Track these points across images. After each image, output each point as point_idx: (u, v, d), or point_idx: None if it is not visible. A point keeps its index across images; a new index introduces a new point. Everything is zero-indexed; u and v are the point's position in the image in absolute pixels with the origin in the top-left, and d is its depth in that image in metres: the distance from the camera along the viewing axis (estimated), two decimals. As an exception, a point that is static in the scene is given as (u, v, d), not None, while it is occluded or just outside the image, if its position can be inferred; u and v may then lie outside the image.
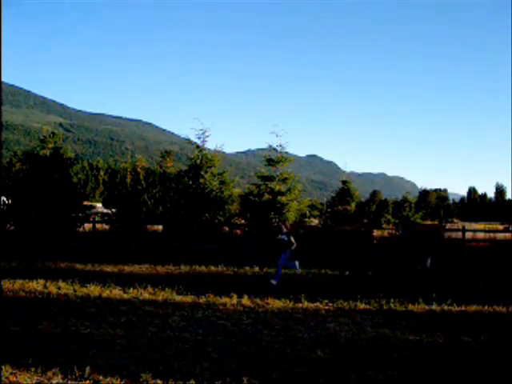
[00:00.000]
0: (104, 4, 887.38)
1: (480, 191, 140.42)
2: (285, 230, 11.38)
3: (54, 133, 19.15)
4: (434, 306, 8.68)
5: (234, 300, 8.93)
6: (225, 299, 8.97)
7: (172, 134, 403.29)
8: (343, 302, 8.82)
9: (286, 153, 18.16)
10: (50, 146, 18.32)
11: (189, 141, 18.25)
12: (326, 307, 8.55)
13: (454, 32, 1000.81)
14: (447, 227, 20.05)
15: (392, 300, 8.93)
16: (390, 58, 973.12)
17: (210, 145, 20.44)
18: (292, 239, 11.21)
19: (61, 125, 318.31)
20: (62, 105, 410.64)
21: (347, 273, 12.82)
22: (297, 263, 11.35)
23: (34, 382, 4.85)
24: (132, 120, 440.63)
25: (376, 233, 17.57)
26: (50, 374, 4.99)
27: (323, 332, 6.94)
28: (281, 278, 10.88)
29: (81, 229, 18.75)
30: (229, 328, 7.05)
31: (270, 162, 17.79)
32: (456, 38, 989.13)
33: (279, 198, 16.93)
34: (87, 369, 5.07)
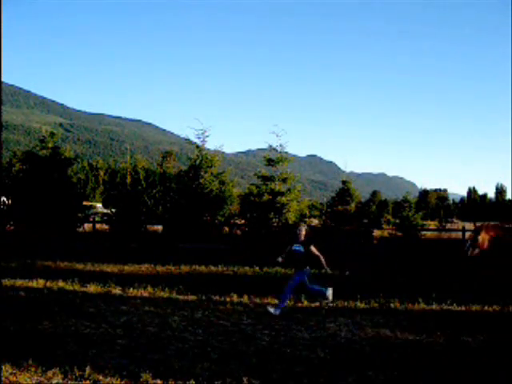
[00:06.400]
0: (104, 4, 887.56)
1: (480, 191, 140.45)
2: (302, 238, 8.25)
3: (53, 133, 19.18)
4: (434, 306, 8.68)
5: (234, 300, 8.94)
6: (225, 299, 8.98)
7: (172, 134, 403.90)
8: (343, 302, 8.82)
9: (286, 153, 18.13)
10: (50, 146, 18.34)
11: (189, 141, 18.23)
12: (326, 307, 8.55)
13: (454, 31, 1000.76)
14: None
15: (392, 300, 8.93)
16: (391, 58, 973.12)
17: (210, 145, 20.54)
18: (314, 250, 8.16)
19: (61, 125, 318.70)
20: (62, 105, 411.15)
21: (347, 273, 12.82)
22: (329, 291, 8.36)
23: (33, 382, 4.85)
24: (132, 120, 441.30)
25: (376, 233, 17.59)
26: (50, 373, 4.99)
27: (323, 332, 6.94)
28: (284, 306, 8.01)
29: (81, 229, 18.77)
30: (229, 328, 7.04)
31: (270, 162, 17.76)
32: (456, 38, 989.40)
33: (279, 198, 16.91)
34: (87, 369, 5.07)
